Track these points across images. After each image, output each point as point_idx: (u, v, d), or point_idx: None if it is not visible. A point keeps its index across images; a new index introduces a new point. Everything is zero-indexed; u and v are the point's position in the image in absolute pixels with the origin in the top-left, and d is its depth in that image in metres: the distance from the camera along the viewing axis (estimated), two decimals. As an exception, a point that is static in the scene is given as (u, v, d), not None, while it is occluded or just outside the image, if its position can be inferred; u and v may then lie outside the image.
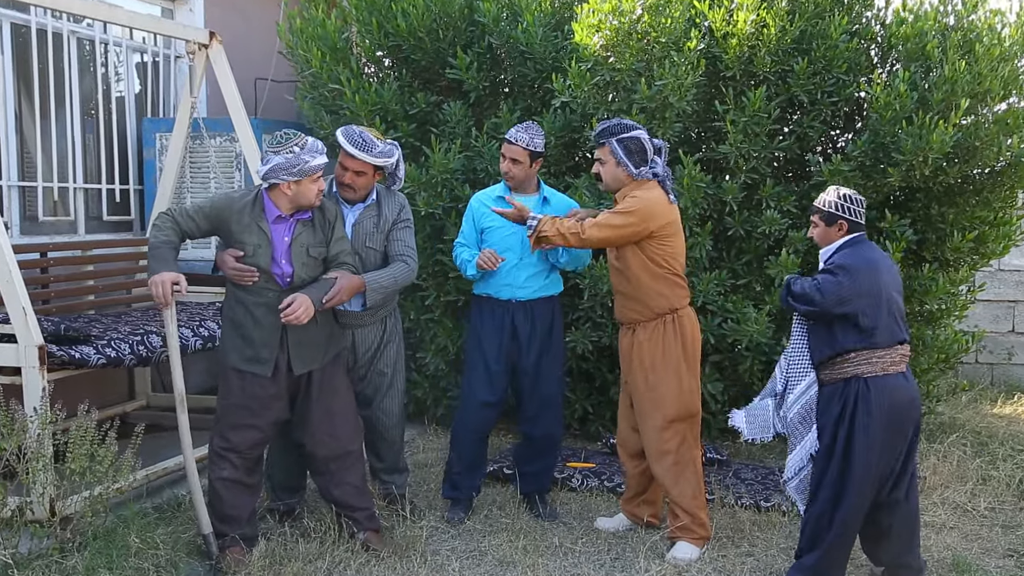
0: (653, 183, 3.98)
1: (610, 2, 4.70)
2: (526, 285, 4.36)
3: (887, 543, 3.68)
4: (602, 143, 3.98)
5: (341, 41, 5.68)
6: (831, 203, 3.62)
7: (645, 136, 3.94)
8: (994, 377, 7.67)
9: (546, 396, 4.44)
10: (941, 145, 4.67)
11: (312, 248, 3.78)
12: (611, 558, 4.03)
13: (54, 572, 3.59)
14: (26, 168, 5.49)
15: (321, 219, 3.83)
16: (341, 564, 3.85)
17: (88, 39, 5.82)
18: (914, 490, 3.69)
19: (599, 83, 4.91)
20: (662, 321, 4.00)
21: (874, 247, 3.67)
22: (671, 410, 3.99)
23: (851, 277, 3.49)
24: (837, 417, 3.55)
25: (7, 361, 3.89)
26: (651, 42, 4.75)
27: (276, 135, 3.68)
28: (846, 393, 3.53)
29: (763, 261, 5.19)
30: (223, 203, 3.76)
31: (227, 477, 3.82)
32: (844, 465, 3.53)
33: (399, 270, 4.06)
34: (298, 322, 3.60)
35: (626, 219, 3.88)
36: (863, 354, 3.51)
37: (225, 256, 3.75)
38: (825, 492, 3.58)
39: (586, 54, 4.88)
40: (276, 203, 3.72)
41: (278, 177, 3.63)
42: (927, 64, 5.03)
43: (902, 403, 3.53)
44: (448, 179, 5.30)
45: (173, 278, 3.60)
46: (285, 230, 3.75)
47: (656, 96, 4.71)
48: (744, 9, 4.81)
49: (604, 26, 4.76)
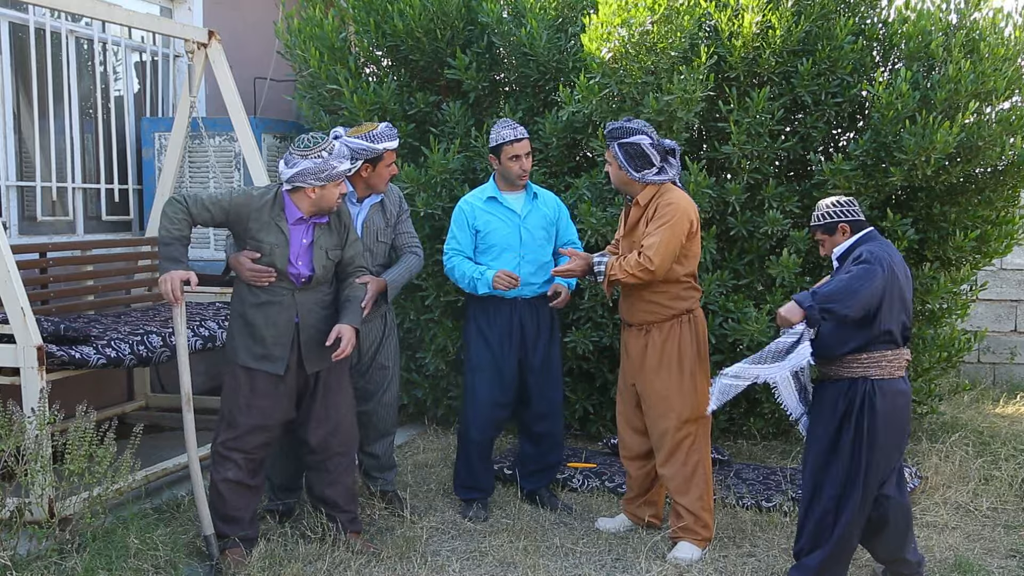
0: (669, 186, 3.96)
1: (620, 15, 4.66)
2: (530, 282, 4.37)
3: (884, 538, 3.68)
4: (607, 146, 3.99)
5: (339, 41, 5.67)
6: (825, 214, 3.66)
7: (647, 141, 3.90)
8: (996, 377, 7.66)
9: (553, 393, 4.49)
10: (944, 145, 4.65)
11: (330, 251, 3.84)
12: (612, 559, 4.02)
13: (53, 573, 3.58)
14: (24, 168, 5.47)
15: (337, 222, 3.87)
16: (341, 565, 3.83)
17: (87, 38, 5.81)
18: (903, 484, 3.69)
19: (607, 96, 4.89)
20: (678, 322, 3.99)
21: (890, 244, 3.64)
22: (686, 411, 3.98)
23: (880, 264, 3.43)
24: (843, 415, 3.54)
25: (6, 362, 3.89)
26: (661, 54, 4.72)
27: (303, 138, 3.68)
28: (852, 392, 3.52)
29: (765, 261, 5.18)
30: (243, 199, 3.75)
31: (231, 478, 3.81)
32: (851, 464, 3.53)
33: (412, 263, 4.29)
34: (347, 357, 3.79)
35: (673, 230, 3.85)
36: (873, 356, 3.50)
37: (241, 258, 3.75)
38: (830, 491, 3.56)
39: (594, 66, 4.84)
40: (298, 205, 3.73)
41: (305, 181, 3.64)
42: (930, 63, 5.02)
43: (902, 406, 3.55)
44: (447, 179, 5.29)
45: (183, 276, 3.60)
46: (304, 232, 3.77)
47: (664, 109, 4.69)
48: (750, 11, 4.77)
49: (614, 37, 4.72)
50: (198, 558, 3.87)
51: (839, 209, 3.63)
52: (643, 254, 3.84)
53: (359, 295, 3.88)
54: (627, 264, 3.87)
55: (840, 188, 4.94)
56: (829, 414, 3.58)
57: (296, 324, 3.77)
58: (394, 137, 4.09)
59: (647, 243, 3.85)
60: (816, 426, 3.66)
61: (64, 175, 5.63)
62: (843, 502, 3.54)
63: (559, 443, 4.61)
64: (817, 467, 3.62)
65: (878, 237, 3.64)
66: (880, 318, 3.46)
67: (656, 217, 3.89)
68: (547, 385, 4.46)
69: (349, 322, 3.77)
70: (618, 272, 3.89)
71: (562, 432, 4.65)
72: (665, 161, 3.95)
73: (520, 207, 4.40)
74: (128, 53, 6.15)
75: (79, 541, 3.77)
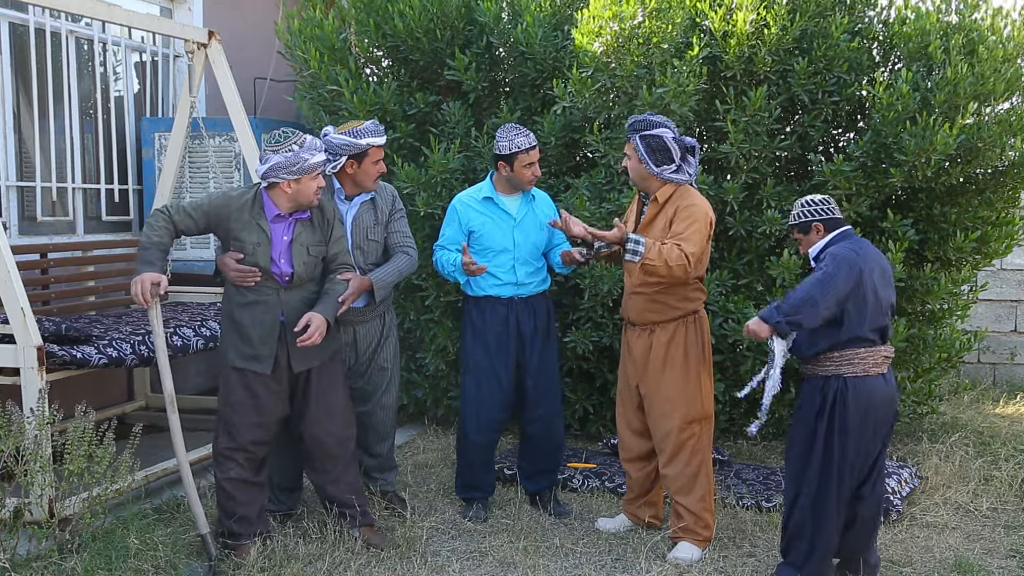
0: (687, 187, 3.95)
1: (611, 8, 4.67)
2: (526, 281, 4.37)
3: (850, 534, 3.69)
4: (628, 138, 3.97)
5: (339, 41, 5.67)
6: (799, 214, 3.69)
7: (670, 135, 3.87)
8: (996, 377, 7.65)
9: (550, 395, 4.48)
10: (945, 147, 4.65)
11: (312, 247, 3.81)
12: (612, 559, 4.02)
13: (52, 574, 3.58)
14: (24, 168, 5.47)
15: (320, 218, 3.84)
16: (341, 565, 3.83)
17: (87, 38, 5.81)
18: (880, 484, 3.70)
19: (600, 89, 4.89)
20: (684, 322, 3.99)
21: (865, 243, 3.65)
22: (691, 411, 3.98)
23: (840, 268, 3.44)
24: (817, 411, 3.56)
25: (6, 362, 3.89)
26: (653, 47, 4.72)
27: (274, 134, 3.68)
28: (826, 389, 3.55)
29: (764, 261, 5.18)
30: (221, 201, 3.76)
31: (235, 477, 3.83)
32: (825, 462, 3.54)
33: (402, 262, 4.19)
34: (313, 344, 3.67)
35: (702, 233, 3.83)
36: (846, 354, 3.51)
37: (226, 259, 3.76)
38: (808, 486, 3.59)
39: (587, 60, 4.84)
40: (275, 202, 3.73)
41: (278, 176, 3.63)
42: (929, 64, 5.01)
43: (878, 404, 3.55)
44: (447, 179, 5.29)
45: (154, 278, 3.60)
46: (284, 229, 3.76)
47: (657, 102, 4.69)
48: (744, 9, 4.78)
49: (605, 31, 4.73)
50: (198, 558, 3.87)
51: (812, 208, 3.65)
52: (685, 253, 3.73)
53: (338, 289, 3.85)
54: (669, 255, 3.69)
55: (840, 189, 4.94)
56: (807, 409, 3.60)
57: (282, 323, 3.77)
58: (379, 133, 4.06)
59: (688, 247, 3.76)
60: (796, 425, 3.68)
61: (64, 175, 5.63)
62: (820, 499, 3.56)
63: (559, 444, 4.59)
64: (797, 466, 3.64)
65: (852, 236, 3.65)
66: (847, 322, 3.47)
67: (682, 219, 3.84)
68: (544, 386, 4.44)
69: (321, 312, 3.74)
70: (655, 258, 3.69)
71: (562, 433, 4.62)
72: (684, 160, 3.91)
73: (516, 210, 4.38)
74: (128, 53, 6.15)
75: (79, 541, 3.77)
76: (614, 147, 4.99)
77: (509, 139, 4.24)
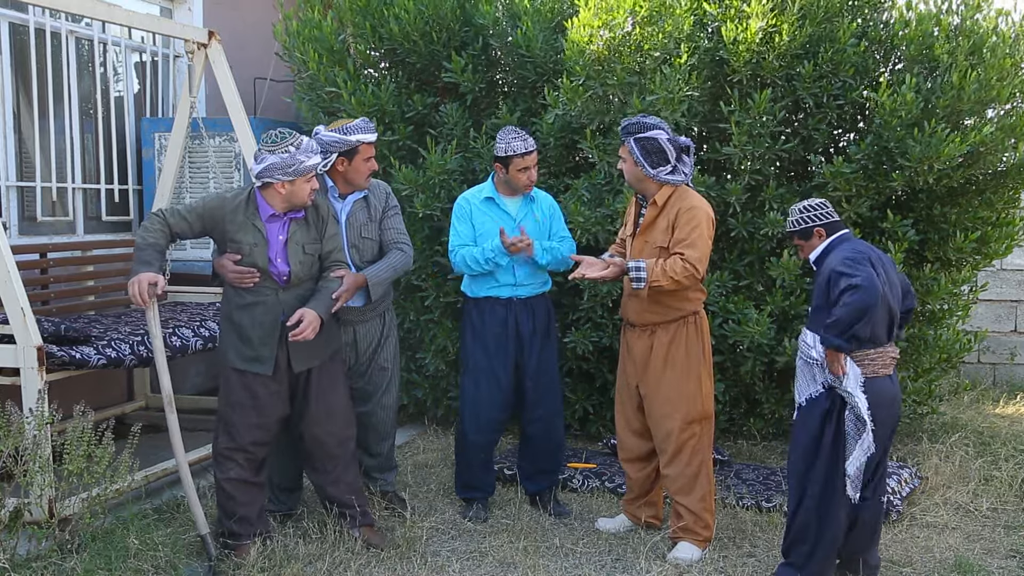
0: (685, 188, 3.95)
1: (601, 17, 4.66)
2: (525, 282, 4.37)
3: (851, 535, 3.69)
4: (622, 141, 3.97)
5: (338, 43, 5.66)
6: (799, 220, 3.67)
7: (664, 137, 3.88)
8: (996, 377, 7.65)
9: (550, 395, 4.48)
10: (951, 160, 4.64)
11: (308, 245, 3.82)
12: (612, 559, 4.02)
13: (52, 574, 3.58)
14: (24, 168, 5.47)
15: (315, 216, 3.85)
16: (341, 565, 3.83)
17: (87, 38, 5.80)
18: (882, 486, 3.70)
19: (592, 96, 4.88)
20: (684, 323, 3.99)
21: (866, 244, 3.64)
22: (692, 412, 3.97)
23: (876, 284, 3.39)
24: (826, 412, 3.55)
25: (6, 362, 3.89)
26: (644, 55, 4.71)
27: (271, 134, 3.68)
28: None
29: (765, 262, 5.18)
30: (215, 203, 3.76)
31: (234, 477, 3.83)
32: (832, 461, 3.54)
33: (397, 259, 4.18)
34: (306, 339, 3.65)
35: (704, 236, 3.85)
36: (856, 355, 3.50)
37: (224, 260, 3.76)
38: (814, 488, 3.58)
39: (578, 68, 4.82)
40: (270, 202, 3.73)
41: (273, 176, 3.63)
42: (931, 67, 5.00)
43: (885, 404, 3.54)
44: (445, 180, 5.29)
45: (151, 279, 3.59)
46: (279, 228, 3.77)
47: (648, 109, 4.68)
48: (756, 16, 4.75)
49: (596, 39, 4.71)
50: (198, 558, 3.87)
51: (811, 213, 3.64)
52: (688, 262, 3.77)
53: (332, 287, 3.83)
54: (672, 271, 3.78)
55: (840, 190, 4.94)
56: (813, 413, 3.59)
57: (282, 323, 3.76)
58: (369, 130, 4.06)
59: (691, 252, 3.79)
60: (799, 425, 3.67)
61: (64, 175, 5.63)
62: (825, 500, 3.56)
63: (559, 445, 4.59)
64: (801, 467, 3.63)
65: (852, 238, 3.65)
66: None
67: (684, 223, 3.85)
68: (544, 386, 4.44)
69: (314, 308, 3.73)
70: (662, 279, 3.79)
71: (562, 434, 4.62)
72: (679, 160, 3.92)
73: (516, 211, 4.39)
74: (128, 53, 6.15)
75: (79, 541, 3.78)
76: (608, 153, 4.99)
77: (506, 142, 4.26)
